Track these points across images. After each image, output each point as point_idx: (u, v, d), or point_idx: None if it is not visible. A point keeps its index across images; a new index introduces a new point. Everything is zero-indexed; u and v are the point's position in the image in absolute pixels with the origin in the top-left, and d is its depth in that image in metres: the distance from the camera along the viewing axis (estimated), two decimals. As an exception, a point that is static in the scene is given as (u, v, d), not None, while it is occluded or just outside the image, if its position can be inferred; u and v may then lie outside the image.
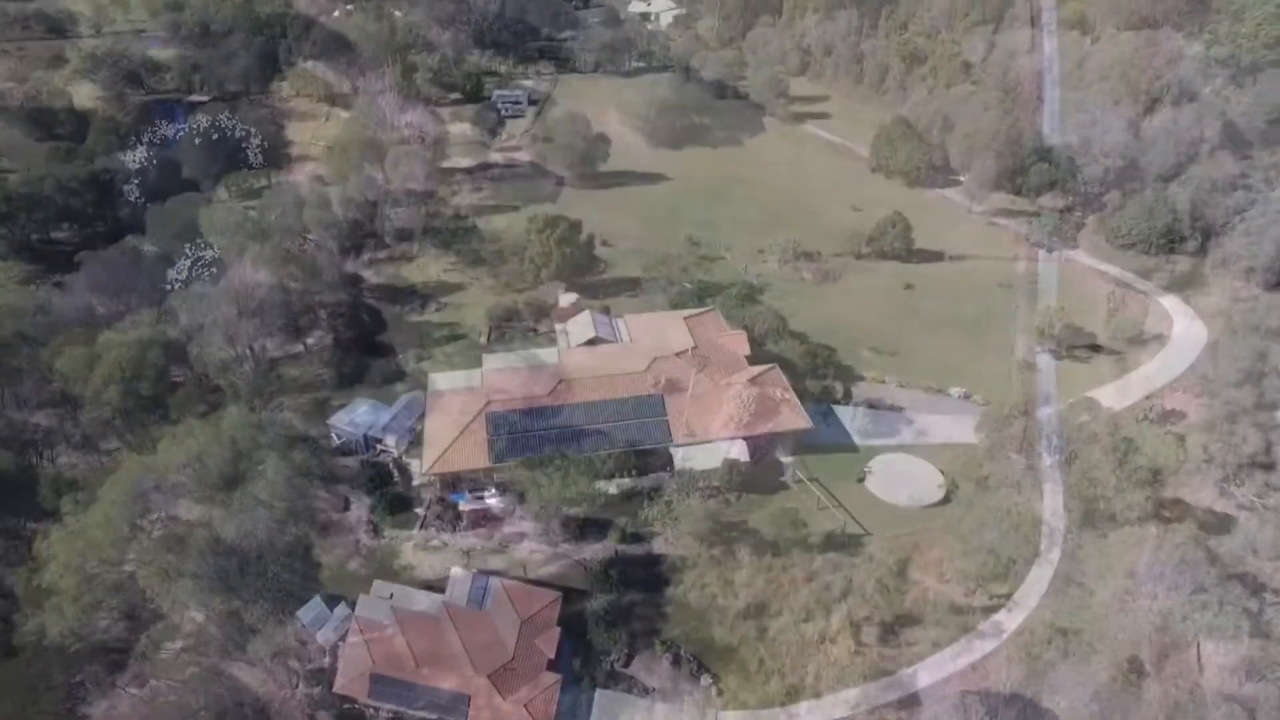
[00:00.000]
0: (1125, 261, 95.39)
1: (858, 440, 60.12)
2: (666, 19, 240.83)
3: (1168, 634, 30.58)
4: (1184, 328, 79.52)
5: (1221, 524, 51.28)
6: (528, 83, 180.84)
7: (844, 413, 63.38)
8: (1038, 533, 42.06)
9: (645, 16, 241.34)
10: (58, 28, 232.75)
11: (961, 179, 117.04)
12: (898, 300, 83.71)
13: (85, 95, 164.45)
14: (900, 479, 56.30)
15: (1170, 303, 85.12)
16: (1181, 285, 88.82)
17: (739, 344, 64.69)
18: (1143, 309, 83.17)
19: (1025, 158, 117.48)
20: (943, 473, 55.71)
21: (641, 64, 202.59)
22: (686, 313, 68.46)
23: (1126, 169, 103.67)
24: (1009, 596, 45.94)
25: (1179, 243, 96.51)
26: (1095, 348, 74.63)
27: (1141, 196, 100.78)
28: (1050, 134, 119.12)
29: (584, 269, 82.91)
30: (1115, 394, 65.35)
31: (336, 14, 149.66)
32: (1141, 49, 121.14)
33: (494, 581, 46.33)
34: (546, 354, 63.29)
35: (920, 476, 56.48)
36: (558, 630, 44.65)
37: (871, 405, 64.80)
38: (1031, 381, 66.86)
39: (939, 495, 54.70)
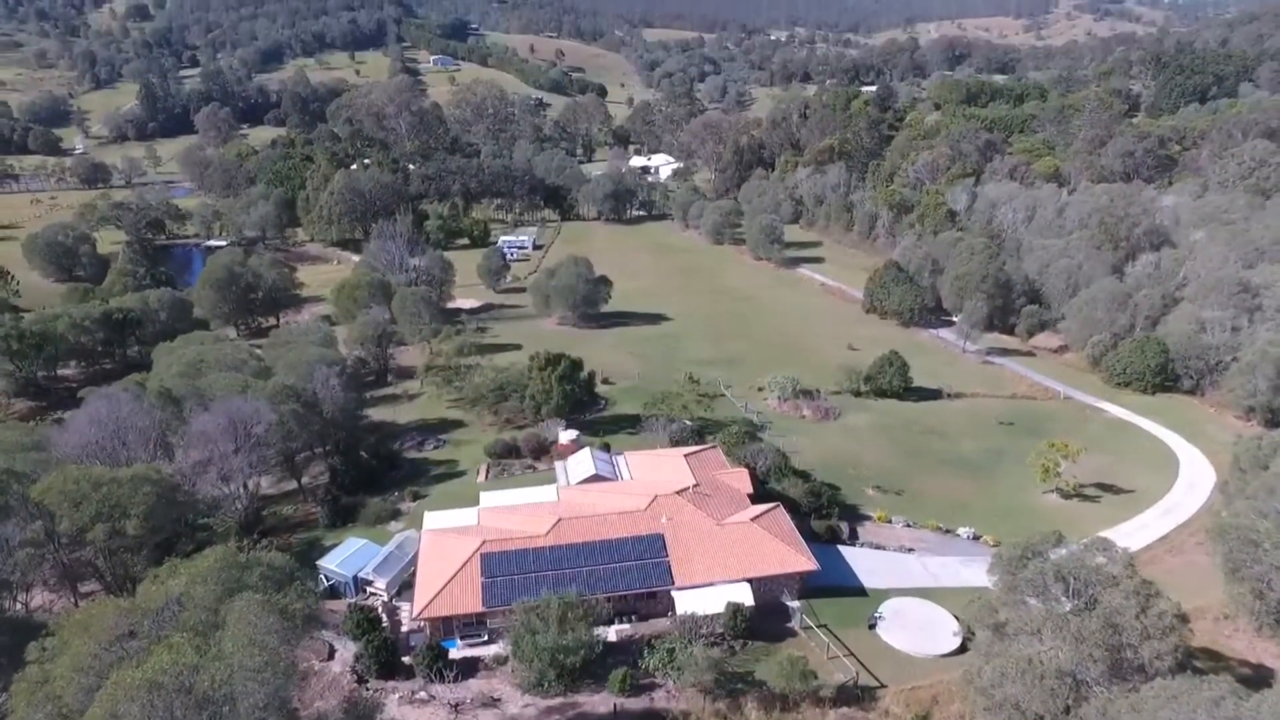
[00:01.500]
0: (1124, 400, 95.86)
1: (866, 583, 57.78)
2: (666, 172, 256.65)
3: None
4: (1190, 466, 78.61)
5: (1259, 676, 48.29)
6: (533, 229, 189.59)
7: (850, 554, 61.35)
8: (1065, 685, 39.43)
9: (646, 170, 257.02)
10: (92, 179, 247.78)
11: (954, 319, 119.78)
12: (899, 438, 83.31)
13: (108, 239, 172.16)
14: (913, 625, 53.59)
15: (1173, 440, 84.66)
16: (1182, 423, 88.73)
17: (741, 482, 63.66)
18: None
19: (1014, 299, 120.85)
20: (957, 618, 53.10)
21: (642, 212, 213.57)
22: (687, 450, 67.84)
23: (1116, 310, 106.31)
24: (1039, 759, 42.55)
25: (1175, 381, 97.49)
26: (1104, 486, 73.42)
27: (1132, 337, 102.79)
28: (1037, 277, 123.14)
29: (584, 406, 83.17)
30: (1129, 535, 63.60)
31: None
32: (1117, 199, 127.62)
33: None
34: (545, 492, 62.14)
35: (934, 623, 53.80)
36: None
37: (878, 546, 62.86)
38: (1041, 521, 65.17)
39: (955, 643, 51.85)
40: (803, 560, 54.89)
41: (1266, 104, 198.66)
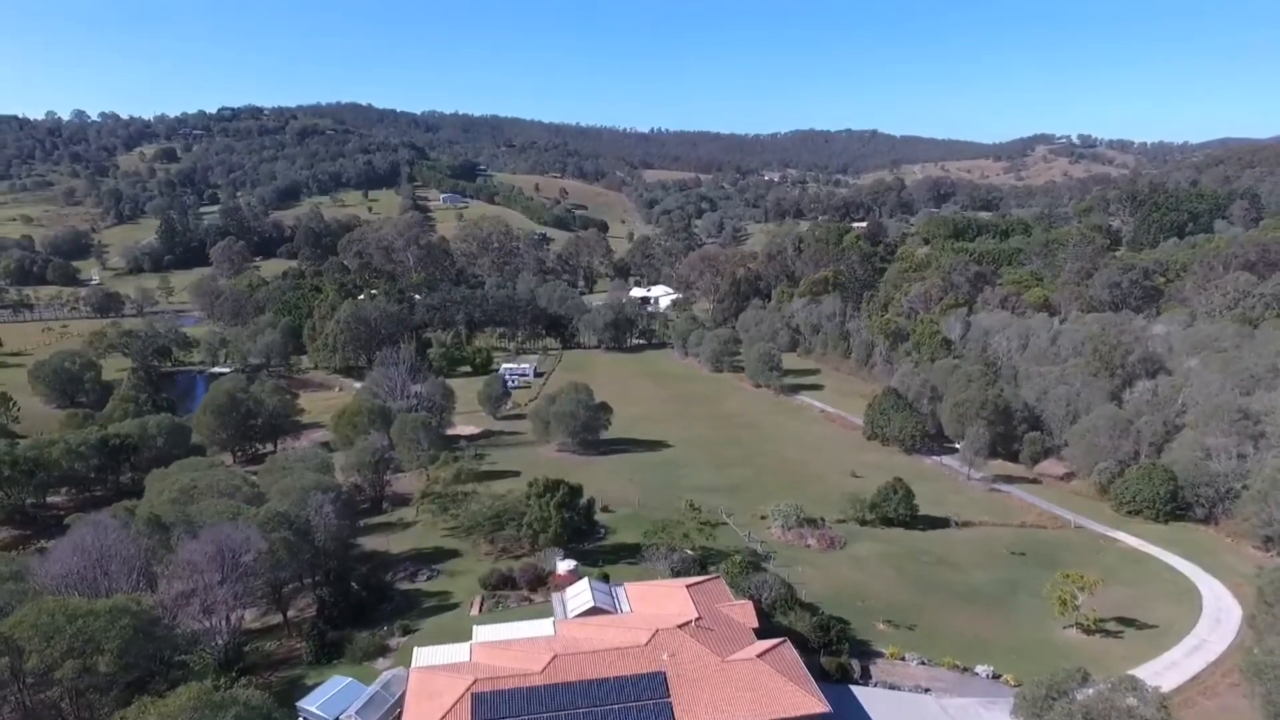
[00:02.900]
0: (1136, 528, 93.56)
1: (882, 728, 54.09)
2: (665, 302, 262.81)
3: None
4: (1213, 599, 75.56)
5: (1315, 835, 44.34)
6: (534, 356, 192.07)
7: (863, 694, 57.81)
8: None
9: (645, 300, 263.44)
10: (105, 308, 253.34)
11: (956, 446, 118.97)
12: (908, 569, 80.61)
13: (114, 366, 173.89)
14: (935, 776, 49.73)
15: (1192, 572, 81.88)
16: (1199, 554, 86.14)
17: (745, 615, 60.92)
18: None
19: (1015, 426, 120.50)
20: (983, 768, 49.39)
21: (642, 341, 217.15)
22: (689, 581, 65.37)
23: (1119, 437, 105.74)
24: None
25: (1186, 509, 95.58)
26: (1125, 621, 70.25)
27: (1138, 464, 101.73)
28: (1036, 404, 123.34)
29: (583, 534, 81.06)
30: (1158, 674, 60.15)
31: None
32: (1108, 327, 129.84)
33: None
34: (541, 625, 59.35)
35: (958, 773, 49.96)
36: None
37: (893, 686, 59.33)
38: (1063, 658, 61.99)
39: (982, 797, 47.95)
40: (813, 701, 51.59)
41: (1243, 239, 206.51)
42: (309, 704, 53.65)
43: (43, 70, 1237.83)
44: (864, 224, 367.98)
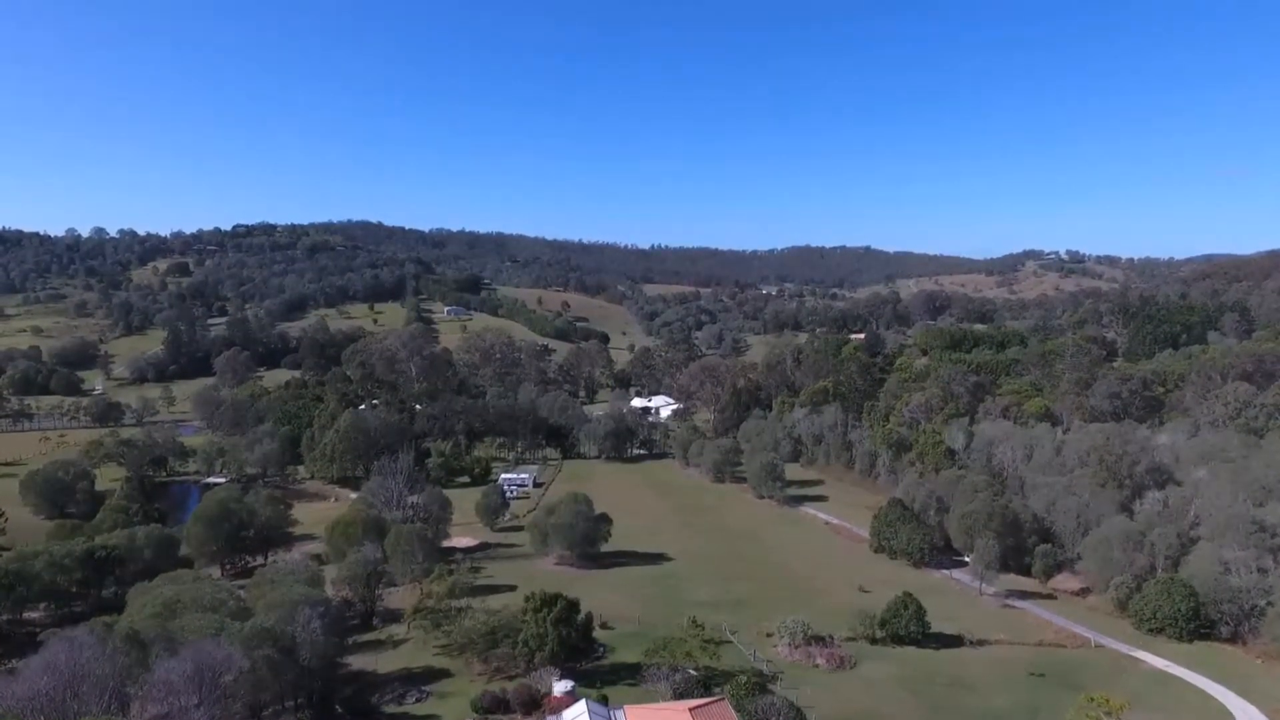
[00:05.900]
0: (1159, 648, 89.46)
1: None
2: (666, 412, 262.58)
3: None
4: (1252, 727, 71.32)
5: None
6: (534, 467, 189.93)
7: (883, 834, 53.45)
8: None
9: (646, 410, 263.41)
10: (104, 417, 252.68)
11: (966, 559, 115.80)
12: (924, 692, 76.53)
13: (108, 476, 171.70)
14: None
15: (1224, 696, 77.52)
16: (1230, 676, 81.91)
17: (753, 742, 57.31)
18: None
19: (1025, 538, 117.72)
20: None
21: (643, 451, 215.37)
22: (692, 703, 61.91)
23: (1133, 550, 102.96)
24: None
25: (1211, 627, 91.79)
26: (1157, 750, 65.98)
27: (1154, 578, 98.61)
28: (1046, 515, 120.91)
29: (581, 653, 77.51)
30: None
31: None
32: (1113, 437, 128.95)
33: None
34: (535, 754, 55.68)
35: None
36: None
37: (914, 824, 54.93)
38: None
39: None
40: (829, 841, 47.64)
41: (1238, 350, 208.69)
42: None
43: (66, 189, 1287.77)
44: (861, 335, 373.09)
